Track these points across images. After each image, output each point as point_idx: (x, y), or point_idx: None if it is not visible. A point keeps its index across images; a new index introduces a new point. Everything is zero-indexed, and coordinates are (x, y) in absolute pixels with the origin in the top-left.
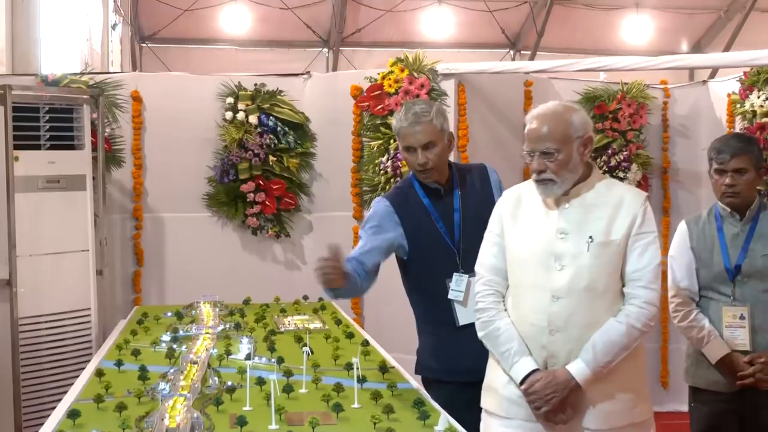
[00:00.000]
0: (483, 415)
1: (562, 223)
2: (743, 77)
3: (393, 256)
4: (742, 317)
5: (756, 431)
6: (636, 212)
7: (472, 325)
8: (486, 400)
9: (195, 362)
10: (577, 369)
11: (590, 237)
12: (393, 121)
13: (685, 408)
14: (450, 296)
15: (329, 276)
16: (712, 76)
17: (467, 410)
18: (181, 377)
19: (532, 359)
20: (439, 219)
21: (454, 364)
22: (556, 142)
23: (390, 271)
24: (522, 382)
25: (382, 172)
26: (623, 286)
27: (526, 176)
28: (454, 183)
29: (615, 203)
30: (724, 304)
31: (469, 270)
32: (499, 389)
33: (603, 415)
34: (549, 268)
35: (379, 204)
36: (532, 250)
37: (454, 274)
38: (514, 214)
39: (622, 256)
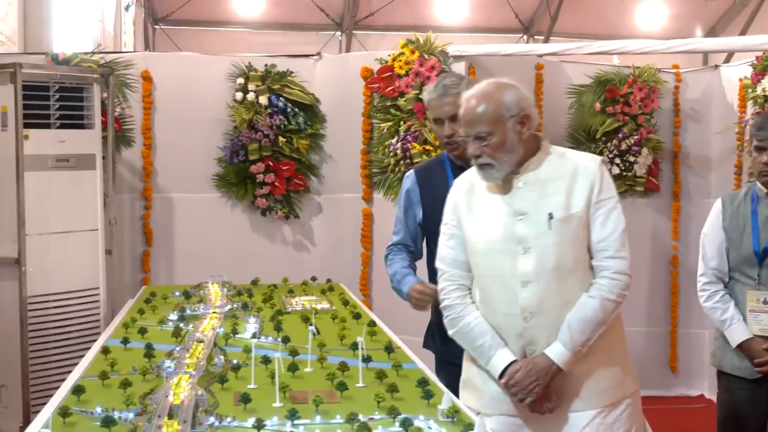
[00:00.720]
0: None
1: (518, 204)
2: (755, 62)
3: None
4: (765, 302)
5: None
6: (593, 179)
7: None
8: (466, 397)
9: (201, 341)
10: (556, 352)
11: (550, 214)
12: (425, 92)
13: (693, 392)
14: None
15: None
16: (727, 61)
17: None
18: (187, 355)
19: (508, 350)
20: None
21: (452, 343)
22: (487, 124)
23: None
24: (501, 376)
25: (391, 153)
26: (591, 258)
27: None
28: None
29: (570, 174)
30: (749, 288)
31: None
32: (480, 386)
33: (591, 394)
34: (513, 253)
35: (406, 180)
36: (492, 237)
37: None
38: (469, 201)
39: (585, 229)
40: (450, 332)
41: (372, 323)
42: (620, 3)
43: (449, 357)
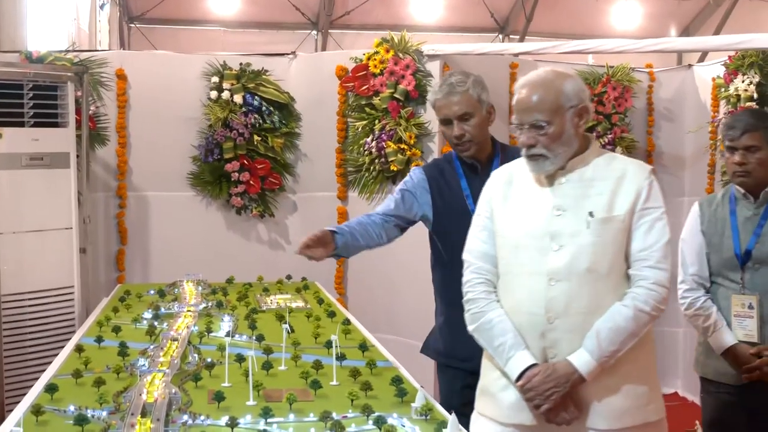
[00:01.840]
0: (477, 418)
1: (558, 199)
2: (728, 61)
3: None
4: (750, 306)
5: (765, 426)
6: (640, 186)
7: None
8: (481, 404)
9: (175, 339)
10: (580, 360)
11: (590, 213)
12: (430, 93)
13: (667, 390)
14: None
15: (309, 249)
16: (701, 60)
17: (460, 397)
18: (161, 353)
19: (529, 353)
20: (471, 197)
21: (455, 348)
22: (545, 113)
23: (376, 253)
24: (518, 379)
25: (366, 152)
26: (628, 267)
27: None
28: (495, 163)
29: (617, 177)
30: (733, 292)
31: None
32: (497, 393)
33: (612, 413)
34: (544, 250)
35: (415, 171)
36: (525, 231)
37: None
38: (505, 194)
39: (626, 234)
40: (470, 328)
41: (346, 321)
42: (595, 2)
43: (452, 361)
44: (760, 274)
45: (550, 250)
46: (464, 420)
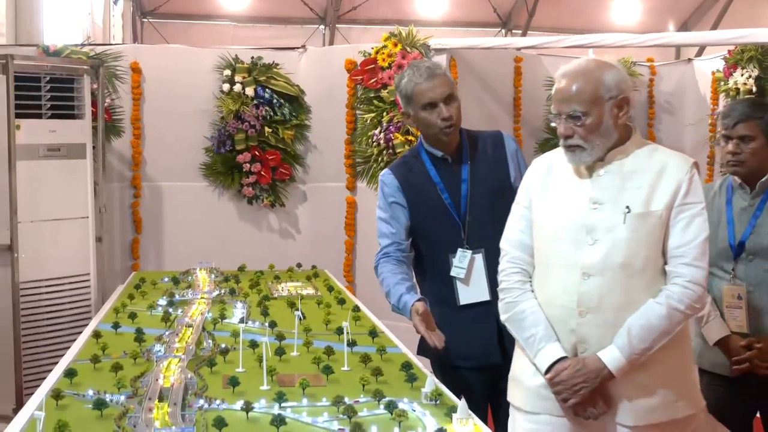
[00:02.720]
0: (510, 409)
1: (595, 192)
2: (727, 56)
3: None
4: (740, 297)
5: (761, 418)
6: (681, 180)
7: (473, 306)
8: (512, 393)
9: (190, 325)
10: (610, 356)
11: (627, 207)
12: (403, 82)
13: None
14: (452, 273)
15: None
16: (699, 55)
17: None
18: (176, 339)
19: (559, 346)
20: (445, 190)
21: (450, 346)
22: (584, 103)
23: None
24: (548, 371)
25: (374, 144)
26: (665, 263)
27: None
28: (464, 151)
29: (657, 170)
30: (726, 283)
31: (475, 246)
32: (525, 381)
33: (640, 410)
34: (580, 243)
35: (385, 176)
36: (561, 223)
37: (459, 249)
38: (544, 184)
39: (663, 230)
40: (503, 317)
41: (356, 308)
42: None
43: (447, 360)
44: (754, 266)
45: (585, 243)
46: None
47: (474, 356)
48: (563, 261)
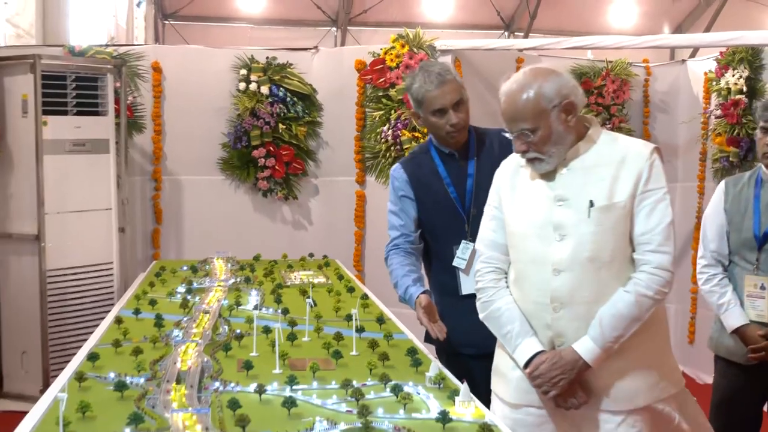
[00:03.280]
0: (493, 398)
1: (559, 190)
2: (719, 57)
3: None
4: (762, 287)
5: None
6: (641, 168)
7: (474, 296)
8: (495, 385)
9: (207, 312)
10: (585, 347)
11: (590, 201)
12: (413, 86)
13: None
14: (454, 263)
15: (435, 320)
16: (692, 56)
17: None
18: (194, 325)
19: (536, 340)
20: (452, 184)
21: (453, 334)
22: (529, 120)
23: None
24: (527, 366)
25: (383, 140)
26: (633, 251)
27: None
28: (471, 147)
29: (618, 161)
30: (748, 272)
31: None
32: (507, 374)
33: (622, 395)
34: (548, 240)
35: (395, 173)
36: (529, 221)
37: (462, 241)
38: (512, 184)
39: (628, 219)
40: (481, 316)
41: (365, 296)
42: (594, 1)
43: (451, 348)
44: None
45: (553, 240)
46: None
47: (475, 344)
48: (534, 258)
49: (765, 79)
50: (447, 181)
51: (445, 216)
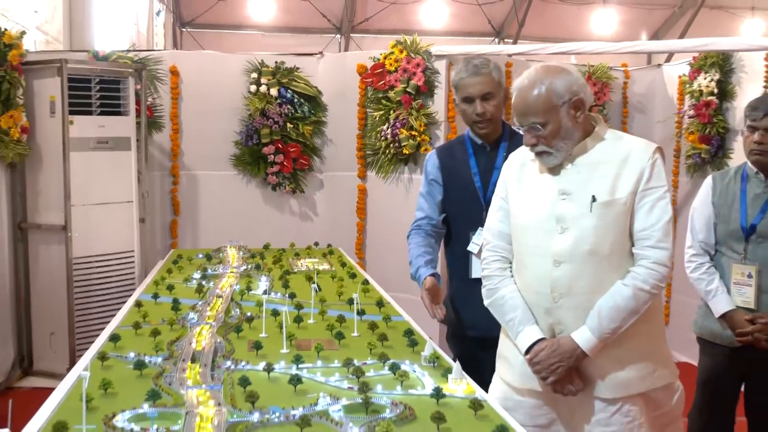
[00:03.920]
0: (496, 380)
1: (563, 184)
2: (692, 62)
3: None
4: (749, 276)
5: (756, 388)
6: (643, 166)
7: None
8: (500, 369)
9: (220, 296)
10: (583, 337)
11: (593, 196)
12: (453, 73)
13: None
14: (468, 248)
15: (438, 303)
16: (668, 61)
17: (469, 365)
18: (208, 308)
19: (537, 328)
20: (478, 174)
21: (462, 317)
22: (540, 115)
23: (390, 218)
24: (527, 352)
25: (383, 138)
26: (632, 246)
27: None
28: (503, 143)
29: (621, 158)
30: (735, 262)
31: None
32: (510, 359)
33: (617, 383)
34: (550, 232)
35: (429, 158)
36: (533, 214)
37: (479, 228)
38: (519, 177)
39: (629, 215)
40: (486, 302)
41: (366, 282)
42: (577, 11)
43: (459, 330)
44: (763, 248)
45: (555, 232)
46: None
47: (482, 327)
48: (536, 250)
49: (734, 82)
50: (474, 170)
51: (467, 203)
